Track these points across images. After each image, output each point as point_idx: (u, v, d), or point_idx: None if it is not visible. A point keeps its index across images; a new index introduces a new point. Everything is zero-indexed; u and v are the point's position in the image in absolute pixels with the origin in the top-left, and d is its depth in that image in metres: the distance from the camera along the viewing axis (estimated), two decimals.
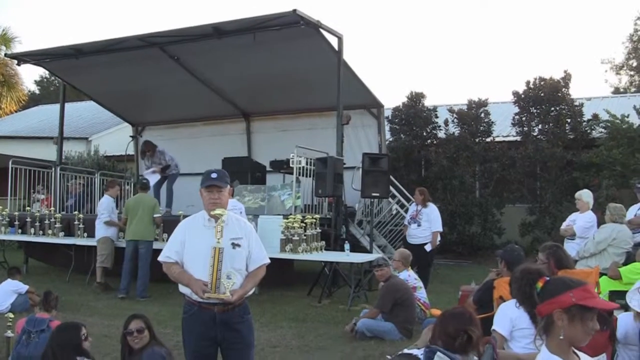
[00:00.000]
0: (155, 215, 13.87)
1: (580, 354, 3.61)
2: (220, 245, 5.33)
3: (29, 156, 21.71)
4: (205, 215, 5.66)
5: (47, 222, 16.44)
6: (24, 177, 19.03)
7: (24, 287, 11.93)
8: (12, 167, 18.44)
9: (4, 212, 17.16)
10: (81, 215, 16.26)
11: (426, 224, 14.35)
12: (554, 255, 7.12)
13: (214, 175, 5.61)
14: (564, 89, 21.05)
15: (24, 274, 14.16)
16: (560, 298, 3.62)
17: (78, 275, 15.57)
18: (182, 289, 5.63)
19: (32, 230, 16.58)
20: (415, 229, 14.43)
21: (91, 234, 15.41)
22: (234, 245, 5.50)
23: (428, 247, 14.18)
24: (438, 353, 4.65)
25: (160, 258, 5.73)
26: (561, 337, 3.58)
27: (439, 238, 14.64)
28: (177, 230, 5.81)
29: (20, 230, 17.05)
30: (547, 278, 3.93)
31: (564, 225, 12.23)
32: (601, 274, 8.77)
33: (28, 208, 18.14)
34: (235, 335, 5.53)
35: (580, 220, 11.82)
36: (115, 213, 14.88)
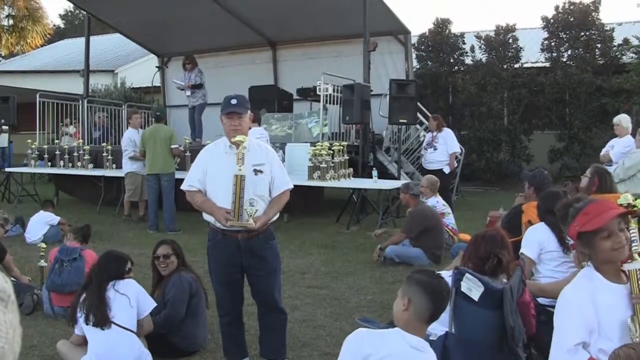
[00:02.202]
0: (172, 146, 13.54)
1: None
2: (242, 172, 5.30)
3: (55, 90, 21.76)
4: (226, 142, 5.62)
5: (75, 154, 16.52)
6: (51, 111, 19.07)
7: (55, 219, 12.07)
8: (39, 101, 18.46)
9: (33, 146, 17.26)
10: (109, 147, 16.29)
11: (443, 147, 14.38)
12: (599, 175, 7.09)
13: (233, 102, 5.53)
14: (594, 13, 20.77)
15: (55, 207, 14.27)
16: (570, 231, 3.66)
17: (108, 206, 15.69)
18: (206, 216, 5.63)
19: (62, 163, 16.69)
20: (432, 153, 14.47)
21: (119, 166, 15.45)
22: (256, 171, 5.47)
23: (446, 169, 14.23)
24: (467, 274, 4.66)
25: (182, 186, 5.74)
26: (589, 264, 3.60)
27: (455, 162, 14.69)
28: (199, 158, 5.78)
29: (49, 164, 17.17)
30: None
31: (603, 152, 12.11)
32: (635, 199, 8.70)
33: (57, 141, 18.26)
34: (259, 262, 5.54)
35: (618, 146, 11.67)
36: (137, 146, 14.65)
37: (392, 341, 3.66)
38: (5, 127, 19.66)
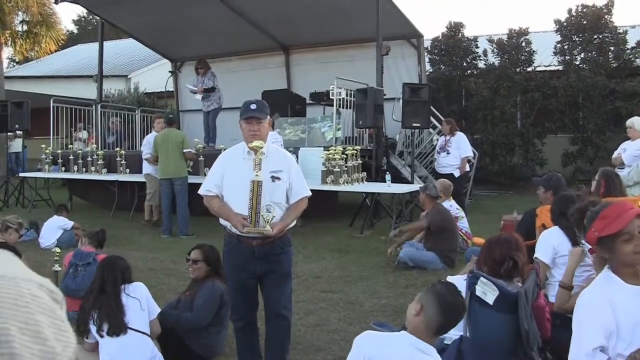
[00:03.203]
0: (185, 151, 13.54)
1: None
2: (259, 178, 5.27)
3: (69, 95, 21.84)
4: (245, 147, 5.57)
5: (89, 159, 16.58)
6: (65, 116, 19.13)
7: (69, 224, 12.11)
8: (53, 106, 18.51)
9: (47, 151, 17.34)
10: (123, 152, 16.35)
11: (456, 151, 14.46)
12: (606, 176, 7.10)
13: (253, 107, 5.50)
14: (607, 17, 20.68)
15: (70, 212, 14.32)
16: (589, 237, 3.65)
17: (121, 211, 15.72)
18: (223, 222, 5.60)
19: (76, 168, 16.74)
20: (445, 157, 14.55)
21: (133, 171, 15.53)
22: (274, 178, 5.42)
23: (457, 174, 14.24)
24: (482, 279, 4.67)
25: (200, 191, 5.71)
26: (608, 269, 3.59)
27: (467, 166, 14.72)
28: (217, 163, 5.79)
29: (63, 169, 17.21)
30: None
31: (615, 154, 12.08)
32: None
33: (71, 146, 18.33)
34: (274, 268, 5.52)
35: (631, 149, 11.64)
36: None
37: (398, 343, 3.72)
38: (19, 133, 19.75)
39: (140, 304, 5.64)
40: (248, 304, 5.70)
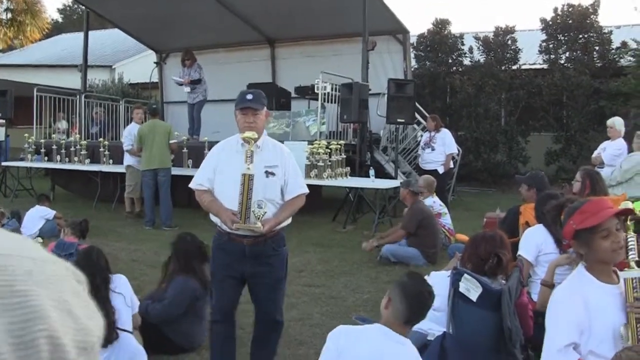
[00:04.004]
0: (170, 142, 13.44)
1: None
2: (250, 171, 4.95)
3: (53, 84, 21.73)
4: (238, 139, 5.27)
5: (72, 149, 16.52)
6: (48, 106, 19.04)
7: (51, 213, 12.04)
8: (37, 95, 18.43)
9: (30, 140, 17.26)
10: (106, 142, 16.29)
11: (440, 148, 14.50)
12: (590, 176, 7.10)
13: (249, 97, 5.19)
14: (592, 16, 20.77)
15: (52, 201, 14.25)
16: (566, 230, 3.66)
17: (104, 202, 15.66)
18: (213, 217, 5.33)
19: (58, 158, 16.67)
20: (430, 153, 14.57)
21: (116, 161, 15.47)
22: (268, 173, 5.13)
23: (440, 170, 14.28)
24: (465, 275, 4.68)
25: (191, 185, 5.41)
26: (584, 264, 3.60)
27: (451, 162, 14.79)
28: (210, 155, 5.50)
29: (46, 158, 17.14)
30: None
31: (595, 154, 12.15)
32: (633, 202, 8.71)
33: (54, 136, 18.26)
34: (264, 270, 5.22)
35: (610, 148, 11.72)
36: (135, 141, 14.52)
37: (370, 335, 3.79)
38: (2, 121, 19.63)
39: (124, 299, 5.54)
40: (231, 305, 5.38)
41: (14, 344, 0.72)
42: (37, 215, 11.94)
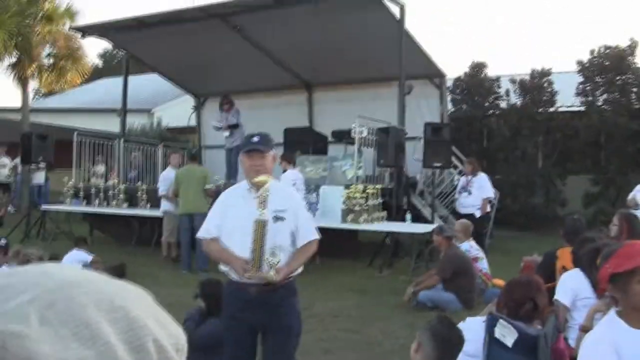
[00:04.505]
0: (206, 187, 13.50)
1: None
2: (264, 217, 4.72)
3: (92, 128, 21.99)
4: (245, 184, 5.14)
5: (110, 193, 16.67)
6: (88, 149, 19.27)
7: (89, 257, 12.08)
8: (77, 139, 18.67)
9: (69, 184, 17.45)
10: (144, 187, 16.47)
11: (477, 192, 14.50)
12: (627, 220, 7.04)
13: (255, 139, 5.07)
14: (629, 57, 20.68)
15: (89, 245, 14.35)
16: (602, 273, 3.60)
17: (141, 246, 15.75)
18: (223, 266, 5.14)
19: (97, 202, 16.84)
20: (466, 197, 14.58)
21: (154, 205, 15.56)
22: (276, 218, 4.88)
23: (477, 214, 14.21)
24: (500, 320, 4.64)
25: (199, 234, 5.28)
26: (617, 310, 3.56)
27: (488, 206, 14.69)
28: (217, 202, 5.38)
29: (85, 202, 17.30)
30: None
31: (630, 196, 12.05)
32: None
33: (92, 179, 18.47)
34: (275, 320, 4.95)
35: None
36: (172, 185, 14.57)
37: None
38: (42, 165, 19.88)
39: None
40: (245, 356, 5.10)
41: (128, 349, 0.80)
42: (75, 259, 11.96)
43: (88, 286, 0.84)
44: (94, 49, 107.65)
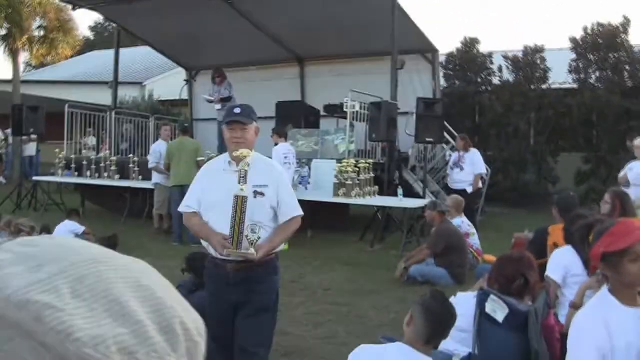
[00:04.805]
0: (198, 159, 13.38)
1: None
2: (244, 193, 4.53)
3: (84, 101, 21.93)
4: (226, 157, 4.95)
5: (102, 165, 16.65)
6: (79, 122, 19.25)
7: (80, 228, 12.09)
8: (68, 112, 18.63)
9: (61, 156, 17.41)
10: (136, 159, 16.41)
11: (469, 167, 14.47)
12: (620, 198, 7.05)
13: (237, 111, 4.89)
14: (622, 35, 20.63)
15: (81, 216, 14.34)
16: (594, 252, 3.60)
17: (133, 218, 15.75)
18: (204, 243, 4.97)
19: (88, 173, 16.82)
20: (459, 173, 14.56)
21: (145, 177, 15.53)
22: (256, 193, 4.71)
23: (469, 189, 14.23)
24: (492, 296, 4.66)
25: (180, 208, 5.10)
26: (609, 287, 3.56)
27: (480, 182, 14.72)
28: (198, 175, 5.20)
29: (76, 173, 17.27)
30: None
31: (621, 173, 12.05)
32: None
33: (83, 152, 18.44)
34: (250, 298, 4.77)
35: (637, 168, 11.62)
36: (162, 158, 14.43)
37: (392, 354, 3.78)
38: (33, 137, 19.85)
39: None
40: (225, 333, 4.81)
41: (158, 329, 0.80)
42: (66, 230, 11.99)
43: (114, 263, 0.83)
44: (85, 21, 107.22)
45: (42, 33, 27.32)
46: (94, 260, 0.82)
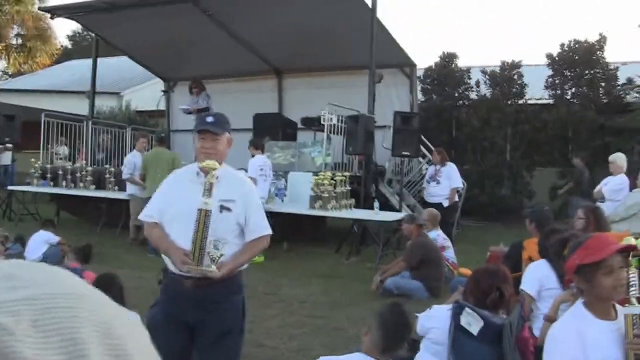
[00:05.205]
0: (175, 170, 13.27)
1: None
2: (208, 206, 4.25)
3: (61, 110, 21.84)
4: (195, 167, 4.62)
5: (78, 175, 16.58)
6: (56, 131, 19.18)
7: (55, 238, 12.01)
8: (44, 120, 18.55)
9: (36, 165, 17.33)
10: (112, 169, 16.36)
11: (446, 182, 14.52)
12: (594, 213, 7.10)
13: (209, 119, 4.61)
14: (598, 52, 20.85)
15: (56, 227, 14.27)
16: (569, 264, 3.64)
17: (109, 228, 15.68)
18: (163, 255, 4.60)
19: (64, 183, 16.74)
20: (435, 187, 14.61)
21: (122, 188, 15.47)
22: (222, 208, 4.41)
23: (445, 203, 14.27)
24: (466, 309, 4.68)
25: (140, 216, 4.76)
26: (583, 300, 3.59)
27: (456, 196, 14.79)
28: (163, 184, 4.86)
29: (52, 183, 17.19)
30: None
31: (597, 189, 12.19)
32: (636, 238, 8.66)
33: (56, 161, 18.37)
34: (212, 319, 4.42)
35: (611, 183, 11.78)
36: (137, 169, 14.37)
37: None
38: (9, 146, 19.75)
39: None
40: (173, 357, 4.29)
41: None
42: (41, 240, 11.91)
43: (93, 304, 0.80)
44: (63, 30, 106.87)
45: (19, 41, 27.27)
46: (73, 295, 0.79)
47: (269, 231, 4.66)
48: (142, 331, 0.86)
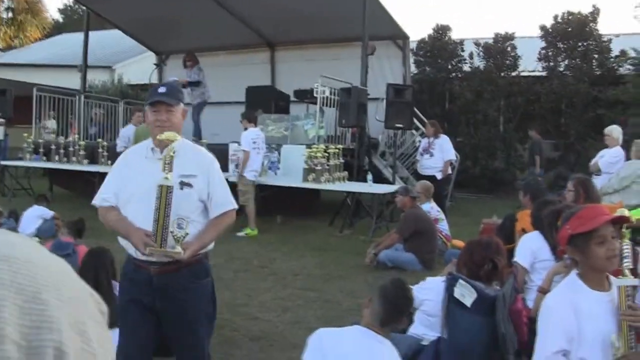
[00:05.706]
0: None
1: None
2: (169, 182, 3.95)
3: (53, 84, 21.76)
4: (149, 143, 4.32)
5: (71, 149, 16.54)
6: (48, 105, 19.10)
7: (49, 213, 12.00)
8: (36, 95, 18.47)
9: (29, 140, 17.28)
10: (105, 143, 16.33)
11: (439, 154, 14.47)
12: (583, 185, 7.09)
13: (161, 90, 4.27)
14: (592, 24, 20.84)
15: (50, 201, 14.24)
16: (561, 234, 3.65)
17: None
18: (122, 241, 4.26)
19: (57, 158, 16.71)
20: (428, 159, 14.56)
21: (114, 162, 15.41)
22: (182, 184, 4.09)
23: (439, 176, 14.26)
24: (460, 280, 4.69)
25: (94, 201, 4.39)
26: (578, 271, 3.60)
27: (450, 168, 14.79)
28: (116, 163, 4.53)
29: (45, 158, 17.15)
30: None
31: (593, 161, 12.18)
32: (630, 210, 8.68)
33: (46, 135, 18.32)
34: (177, 306, 4.15)
35: (607, 156, 11.76)
36: (131, 143, 14.43)
37: (350, 335, 3.87)
38: (1, 120, 19.67)
39: None
40: (138, 348, 4.24)
41: (23, 347, 0.74)
42: (35, 215, 11.90)
43: (21, 266, 0.78)
44: (54, 3, 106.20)
45: (10, 15, 27.08)
46: (4, 256, 0.79)
47: (235, 205, 4.39)
48: (82, 299, 0.85)
